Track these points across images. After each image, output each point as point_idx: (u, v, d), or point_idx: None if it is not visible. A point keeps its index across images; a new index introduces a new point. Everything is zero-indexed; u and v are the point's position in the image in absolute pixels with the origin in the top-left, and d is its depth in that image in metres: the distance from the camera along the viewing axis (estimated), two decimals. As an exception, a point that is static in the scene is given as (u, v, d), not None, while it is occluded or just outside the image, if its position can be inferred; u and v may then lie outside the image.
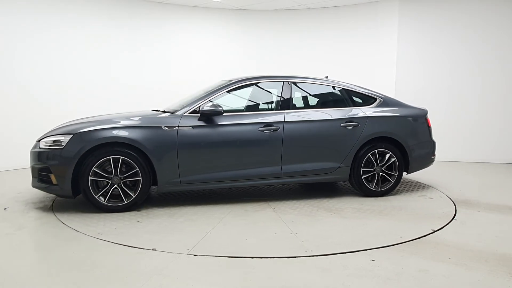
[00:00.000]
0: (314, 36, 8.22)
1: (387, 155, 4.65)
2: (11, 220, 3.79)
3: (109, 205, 3.93)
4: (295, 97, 4.63)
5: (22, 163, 5.77)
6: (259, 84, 4.68)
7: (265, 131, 4.29)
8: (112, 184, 3.92)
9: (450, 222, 3.80)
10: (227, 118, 4.25)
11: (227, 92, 4.42)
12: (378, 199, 4.60)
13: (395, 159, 4.66)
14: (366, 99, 4.85)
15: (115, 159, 3.89)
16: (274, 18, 8.37)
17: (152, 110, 4.59)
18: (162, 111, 4.41)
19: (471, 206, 4.35)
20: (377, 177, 4.65)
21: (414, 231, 3.50)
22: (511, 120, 7.14)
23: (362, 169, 4.58)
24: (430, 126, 4.97)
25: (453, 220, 3.85)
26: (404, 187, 5.21)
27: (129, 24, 7.55)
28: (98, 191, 3.91)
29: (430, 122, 4.99)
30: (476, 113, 7.30)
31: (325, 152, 4.51)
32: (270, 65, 8.28)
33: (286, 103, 4.52)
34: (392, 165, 4.69)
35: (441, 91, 7.45)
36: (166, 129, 4.06)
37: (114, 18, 7.40)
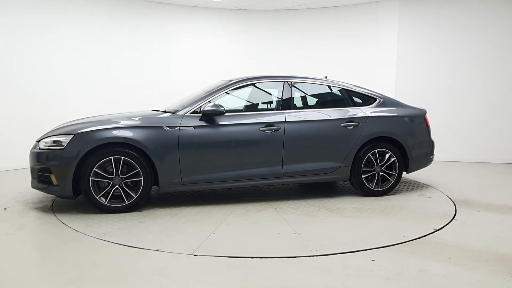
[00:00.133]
0: (314, 36, 8.22)
1: (387, 155, 4.66)
2: (11, 220, 3.79)
3: (110, 205, 3.92)
4: (295, 97, 4.63)
5: (22, 163, 5.77)
6: (260, 84, 4.68)
7: (266, 131, 4.29)
8: (114, 185, 3.91)
9: (450, 222, 3.80)
10: (228, 118, 4.25)
11: (227, 92, 4.42)
12: (378, 198, 4.61)
13: (395, 158, 4.67)
14: (366, 99, 4.86)
15: (116, 160, 3.89)
16: (274, 18, 8.37)
17: (152, 110, 4.59)
18: (163, 111, 4.41)
19: (471, 206, 4.35)
20: (377, 176, 4.66)
21: (415, 231, 3.50)
22: (511, 120, 7.15)
23: (362, 168, 4.60)
24: (429, 126, 4.99)
25: (453, 220, 3.85)
26: (404, 186, 5.22)
27: (129, 24, 7.56)
28: (99, 191, 3.91)
29: (429, 122, 5.01)
30: (476, 113, 7.30)
31: (326, 152, 4.52)
32: (270, 65, 8.28)
33: (287, 103, 4.53)
34: (392, 164, 4.70)
35: (441, 91, 7.45)
36: (168, 129, 4.05)
37: (114, 18, 7.40)
